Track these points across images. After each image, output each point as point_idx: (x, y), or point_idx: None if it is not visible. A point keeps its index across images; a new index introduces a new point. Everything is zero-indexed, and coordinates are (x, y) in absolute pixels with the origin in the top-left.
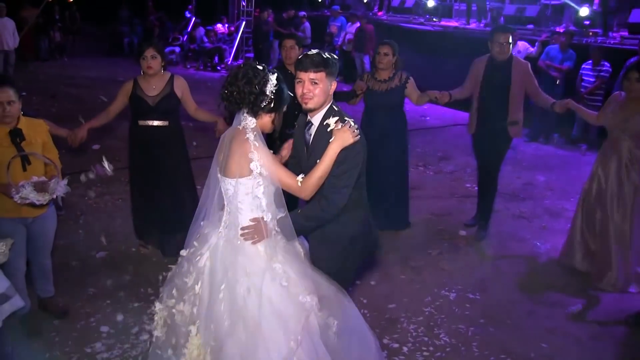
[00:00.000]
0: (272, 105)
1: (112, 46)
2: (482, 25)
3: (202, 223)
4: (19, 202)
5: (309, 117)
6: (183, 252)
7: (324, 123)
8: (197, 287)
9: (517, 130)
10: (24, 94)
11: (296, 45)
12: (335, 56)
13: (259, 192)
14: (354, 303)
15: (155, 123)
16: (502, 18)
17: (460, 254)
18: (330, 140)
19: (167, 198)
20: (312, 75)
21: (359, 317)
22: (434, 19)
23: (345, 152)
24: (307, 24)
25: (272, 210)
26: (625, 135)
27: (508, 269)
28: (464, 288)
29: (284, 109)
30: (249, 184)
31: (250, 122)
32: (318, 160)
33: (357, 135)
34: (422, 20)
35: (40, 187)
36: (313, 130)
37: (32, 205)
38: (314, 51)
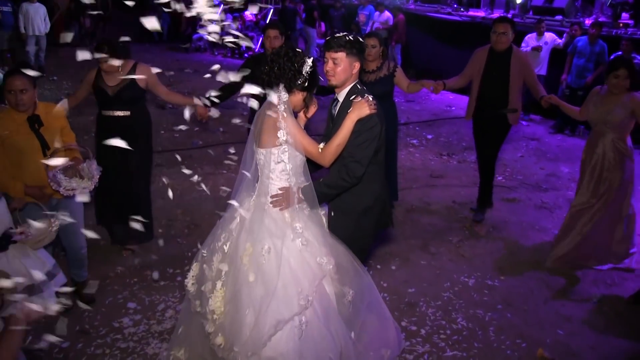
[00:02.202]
0: (306, 84)
1: (141, 33)
2: (509, 15)
3: (238, 192)
4: (65, 194)
5: (335, 94)
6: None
7: (349, 99)
8: (225, 247)
9: (515, 117)
10: (54, 78)
11: (279, 35)
12: (360, 39)
13: (284, 157)
14: (371, 278)
15: (117, 113)
16: (530, 11)
17: (480, 242)
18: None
19: (122, 187)
20: (333, 54)
21: (374, 289)
22: (462, 9)
23: (361, 123)
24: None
25: (297, 178)
26: (608, 127)
27: (527, 257)
28: (482, 275)
29: (314, 91)
30: (277, 152)
31: (283, 96)
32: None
33: (374, 109)
34: (449, 10)
35: (70, 172)
36: (338, 106)
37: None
38: (340, 34)
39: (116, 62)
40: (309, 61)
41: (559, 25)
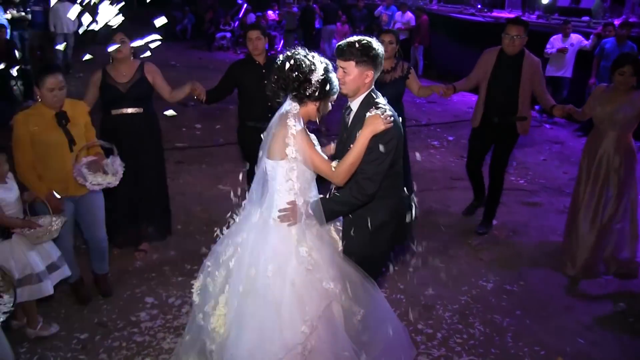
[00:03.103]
0: (317, 93)
1: (165, 31)
2: (533, 17)
3: (248, 201)
4: (91, 188)
5: (349, 102)
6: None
7: (362, 110)
8: (231, 263)
9: (525, 126)
10: (80, 75)
11: (262, 36)
12: (372, 46)
13: (292, 175)
14: (380, 291)
15: (129, 110)
16: (556, 12)
17: (500, 246)
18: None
19: (138, 188)
20: (342, 63)
21: (387, 307)
22: (485, 10)
23: (375, 139)
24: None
25: (305, 195)
26: (615, 126)
27: (548, 263)
28: (501, 279)
29: (332, 98)
30: (286, 166)
31: (293, 107)
32: (351, 146)
33: (389, 123)
34: (473, 10)
35: (94, 168)
36: (352, 115)
37: (106, 189)
38: (352, 39)
39: (129, 46)
40: (320, 68)
41: (586, 27)
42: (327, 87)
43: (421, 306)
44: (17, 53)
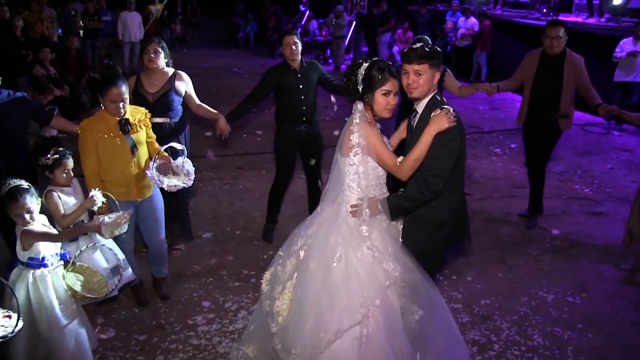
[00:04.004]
0: (363, 90)
1: (228, 38)
2: (602, 20)
3: (322, 201)
4: (169, 190)
5: (415, 106)
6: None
7: (428, 111)
8: (301, 253)
9: (567, 123)
10: None
11: (298, 41)
12: (439, 49)
13: (356, 160)
14: (442, 296)
15: (155, 120)
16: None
17: (561, 256)
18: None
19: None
20: (416, 67)
21: (445, 309)
22: (551, 14)
23: (440, 136)
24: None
25: (375, 191)
26: None
27: (613, 275)
28: (563, 290)
29: (382, 91)
30: (355, 161)
31: (358, 105)
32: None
33: (453, 122)
34: (538, 15)
35: (164, 170)
36: (417, 118)
37: (182, 189)
38: (418, 44)
39: (161, 56)
40: (362, 69)
41: None
42: (369, 82)
43: (478, 316)
44: (87, 62)
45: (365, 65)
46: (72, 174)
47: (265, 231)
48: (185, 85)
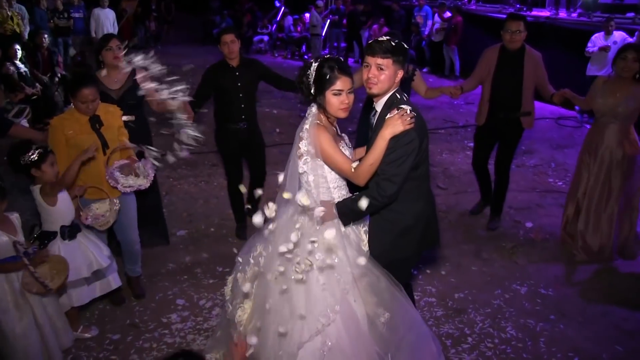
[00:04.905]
0: (314, 92)
1: (204, 35)
2: (574, 15)
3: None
4: (123, 190)
5: (374, 104)
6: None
7: (385, 110)
8: (261, 260)
9: (530, 121)
10: None
11: (236, 39)
12: (406, 45)
13: (306, 167)
14: (409, 300)
15: (122, 118)
16: (598, 10)
17: (535, 249)
18: None
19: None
20: (379, 60)
21: (414, 313)
22: (524, 9)
23: (395, 139)
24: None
25: (330, 195)
26: (616, 119)
27: (586, 267)
28: (536, 283)
29: (332, 91)
30: (306, 169)
31: (313, 109)
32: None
33: (408, 124)
34: (512, 10)
35: (126, 170)
36: (376, 116)
37: (138, 191)
38: (384, 37)
39: (122, 52)
40: (312, 68)
41: (631, 23)
42: (320, 82)
43: (452, 309)
44: (59, 60)
45: (315, 64)
46: (57, 169)
47: (237, 230)
48: (146, 81)
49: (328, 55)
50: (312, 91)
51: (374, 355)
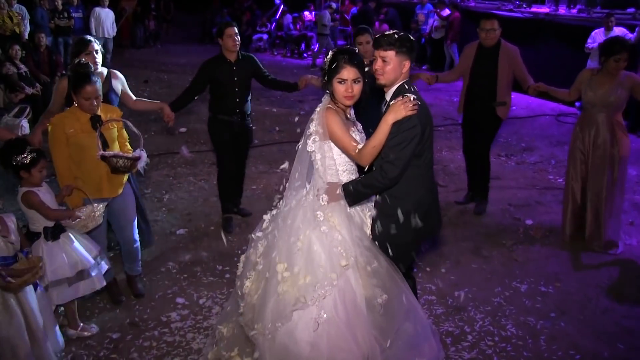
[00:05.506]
0: (327, 79)
1: (203, 34)
2: (574, 11)
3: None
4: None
5: (385, 95)
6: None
7: (393, 99)
8: (270, 236)
9: (504, 111)
10: None
11: (237, 33)
12: (411, 37)
13: (315, 146)
14: (408, 286)
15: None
16: (598, 6)
17: (535, 246)
18: None
19: None
20: (382, 53)
21: (412, 300)
22: (524, 5)
23: (397, 124)
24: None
25: (339, 177)
26: (607, 108)
27: (587, 264)
28: (536, 280)
29: (337, 79)
30: (315, 147)
31: (326, 95)
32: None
33: (411, 110)
34: (511, 6)
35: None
36: (386, 106)
37: (125, 168)
38: (390, 31)
39: (100, 59)
40: (330, 54)
41: (631, 19)
42: (329, 70)
43: (452, 307)
44: (59, 59)
45: (331, 53)
46: (45, 174)
47: (223, 222)
48: (121, 83)
49: (346, 47)
50: (325, 78)
51: (370, 337)
